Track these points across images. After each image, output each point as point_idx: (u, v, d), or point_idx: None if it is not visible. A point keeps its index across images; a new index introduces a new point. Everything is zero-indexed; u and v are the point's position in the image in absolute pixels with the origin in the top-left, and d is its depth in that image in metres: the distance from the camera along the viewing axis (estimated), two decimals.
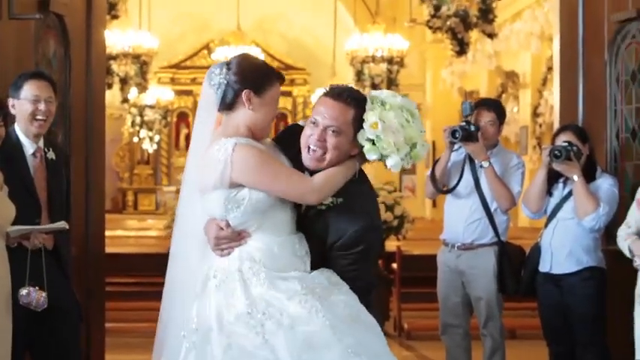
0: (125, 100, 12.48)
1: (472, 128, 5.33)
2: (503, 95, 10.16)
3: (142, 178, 14.58)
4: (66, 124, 5.13)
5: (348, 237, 2.99)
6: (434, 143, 12.08)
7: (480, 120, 5.46)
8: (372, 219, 3.11)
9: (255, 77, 3.02)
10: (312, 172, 3.03)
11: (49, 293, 3.92)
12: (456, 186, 5.48)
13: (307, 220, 3.08)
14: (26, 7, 4.74)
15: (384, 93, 3.09)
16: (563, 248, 5.06)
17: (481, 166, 5.40)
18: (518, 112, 10.27)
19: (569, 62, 5.85)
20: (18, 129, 4.10)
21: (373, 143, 2.96)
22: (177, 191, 3.37)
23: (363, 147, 3.00)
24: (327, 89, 3.08)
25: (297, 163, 3.07)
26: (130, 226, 12.49)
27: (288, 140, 3.19)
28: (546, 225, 5.20)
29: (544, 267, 5.13)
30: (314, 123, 2.98)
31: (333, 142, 2.96)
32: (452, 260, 5.40)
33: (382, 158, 3.01)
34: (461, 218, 5.49)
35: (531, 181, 5.34)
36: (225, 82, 2.99)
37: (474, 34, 8.16)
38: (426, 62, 12.55)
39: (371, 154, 2.98)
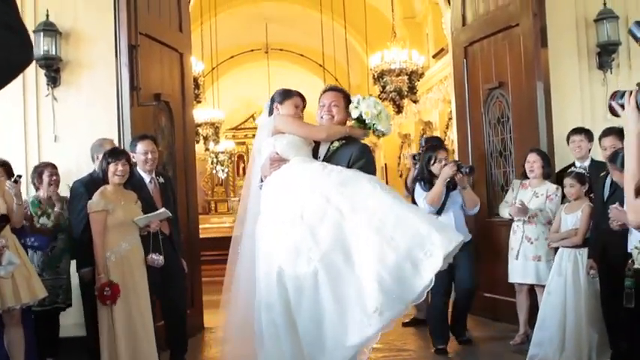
0: (207, 149, 12.48)
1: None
2: (424, 135, 10.12)
3: (219, 193, 14.61)
4: (173, 164, 5.16)
5: (354, 156, 2.99)
6: (385, 165, 12.08)
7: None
8: (364, 146, 3.14)
9: (276, 95, 3.17)
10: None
11: (165, 260, 3.91)
12: None
13: (328, 157, 3.07)
14: (147, 98, 4.78)
15: (360, 98, 3.19)
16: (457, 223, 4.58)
17: None
18: None
19: (461, 114, 5.86)
20: (139, 169, 4.08)
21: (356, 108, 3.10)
22: (239, 200, 3.35)
23: (352, 118, 3.12)
24: (327, 87, 3.29)
25: None
26: (213, 221, 12.50)
27: None
28: (442, 212, 4.51)
29: None
30: (322, 106, 3.14)
31: (334, 109, 3.12)
32: None
33: (366, 123, 3.08)
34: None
35: (434, 192, 4.45)
36: (269, 103, 3.17)
37: (405, 101, 8.16)
38: None
39: (355, 113, 3.09)
